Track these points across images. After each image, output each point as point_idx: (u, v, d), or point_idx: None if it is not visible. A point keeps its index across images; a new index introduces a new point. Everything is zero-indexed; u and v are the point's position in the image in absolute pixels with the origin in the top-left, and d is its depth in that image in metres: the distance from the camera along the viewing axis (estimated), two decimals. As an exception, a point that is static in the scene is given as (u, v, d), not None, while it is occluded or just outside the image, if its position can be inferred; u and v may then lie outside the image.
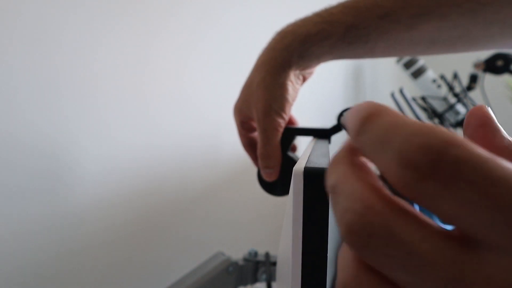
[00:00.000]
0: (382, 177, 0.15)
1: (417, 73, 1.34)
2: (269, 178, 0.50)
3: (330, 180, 0.16)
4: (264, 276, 0.67)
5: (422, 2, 0.40)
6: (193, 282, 0.64)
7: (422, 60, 1.35)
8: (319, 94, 1.26)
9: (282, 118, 0.47)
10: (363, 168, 0.16)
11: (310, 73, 0.50)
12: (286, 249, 0.31)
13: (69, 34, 0.63)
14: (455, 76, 1.33)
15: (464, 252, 0.13)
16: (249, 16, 0.96)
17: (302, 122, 1.21)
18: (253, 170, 0.89)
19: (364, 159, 0.16)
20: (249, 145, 0.53)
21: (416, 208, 0.14)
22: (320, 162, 0.28)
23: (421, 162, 0.13)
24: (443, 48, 0.44)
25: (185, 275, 0.70)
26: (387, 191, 0.15)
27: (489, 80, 1.44)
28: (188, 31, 0.82)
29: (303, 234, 0.25)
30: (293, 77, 0.46)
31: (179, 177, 0.81)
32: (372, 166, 0.16)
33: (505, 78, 1.52)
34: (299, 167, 0.25)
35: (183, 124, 0.82)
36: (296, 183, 0.25)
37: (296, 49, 0.44)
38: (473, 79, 1.38)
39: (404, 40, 0.42)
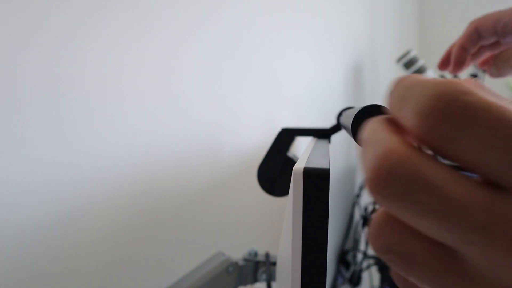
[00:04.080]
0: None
1: (417, 73, 1.34)
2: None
3: (362, 136, 0.16)
4: (264, 276, 0.67)
5: None
6: (193, 282, 0.64)
7: (422, 60, 1.35)
8: (319, 94, 1.26)
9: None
10: (393, 123, 0.16)
11: None
12: (286, 249, 0.31)
13: (59, 28, 0.63)
14: (455, 76, 1.33)
15: (497, 197, 0.13)
16: (249, 15, 0.96)
17: (302, 122, 1.21)
18: (253, 170, 0.89)
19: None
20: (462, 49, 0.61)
21: None
22: (320, 162, 0.28)
23: (434, 109, 0.13)
24: None
25: (185, 275, 0.70)
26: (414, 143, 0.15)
27: (489, 80, 1.44)
28: (192, 33, 0.82)
29: (303, 234, 0.25)
30: None
31: (179, 177, 0.81)
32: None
33: (505, 78, 1.52)
34: (298, 167, 0.25)
35: (182, 124, 0.82)
36: (296, 183, 0.25)
37: None
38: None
39: None
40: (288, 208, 0.31)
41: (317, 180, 0.24)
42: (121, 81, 0.70)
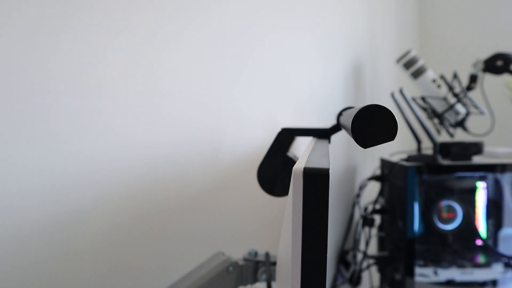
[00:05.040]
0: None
1: (417, 73, 1.34)
2: None
3: None
4: (264, 276, 0.67)
5: None
6: (193, 282, 0.64)
7: (422, 60, 1.35)
8: (320, 95, 1.26)
9: None
10: None
11: None
12: (286, 249, 0.31)
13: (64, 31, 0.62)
14: (455, 76, 1.33)
15: None
16: (249, 14, 0.96)
17: (302, 122, 1.21)
18: (254, 170, 0.89)
19: None
20: None
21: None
22: (320, 162, 0.28)
23: None
24: None
25: (186, 274, 0.70)
26: None
27: (488, 80, 1.44)
28: (192, 36, 0.82)
29: (302, 234, 0.25)
30: None
31: (179, 177, 0.82)
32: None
33: (505, 78, 1.52)
34: (298, 167, 0.25)
35: (183, 124, 0.82)
36: (296, 183, 0.25)
37: None
38: (473, 79, 1.38)
39: None
40: (288, 208, 0.31)
41: (317, 180, 0.24)
42: (107, 81, 0.70)
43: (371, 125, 0.31)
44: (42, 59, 0.59)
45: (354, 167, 1.59)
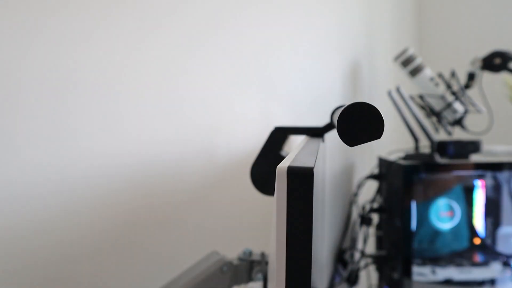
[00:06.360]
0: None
1: (415, 72, 1.33)
2: None
3: None
4: (258, 276, 0.67)
5: None
6: (187, 281, 0.64)
7: (419, 58, 1.35)
8: (317, 93, 1.26)
9: None
10: None
11: None
12: (273, 249, 0.30)
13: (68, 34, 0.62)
14: (453, 74, 1.33)
15: None
16: (244, 13, 0.96)
17: (300, 121, 1.21)
18: (248, 169, 0.89)
19: None
20: None
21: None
22: (305, 161, 0.27)
23: None
24: None
25: (180, 274, 0.70)
26: None
27: (487, 78, 1.44)
28: (186, 34, 0.81)
29: (287, 234, 0.24)
30: None
31: (174, 177, 0.81)
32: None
33: (503, 76, 1.52)
34: (282, 166, 0.25)
35: (176, 123, 0.81)
36: (280, 182, 0.24)
37: None
38: (471, 77, 1.37)
39: None
40: (274, 207, 0.31)
41: (301, 179, 0.24)
42: (104, 82, 0.70)
43: (357, 123, 0.30)
44: (34, 60, 0.59)
45: (351, 165, 1.59)
